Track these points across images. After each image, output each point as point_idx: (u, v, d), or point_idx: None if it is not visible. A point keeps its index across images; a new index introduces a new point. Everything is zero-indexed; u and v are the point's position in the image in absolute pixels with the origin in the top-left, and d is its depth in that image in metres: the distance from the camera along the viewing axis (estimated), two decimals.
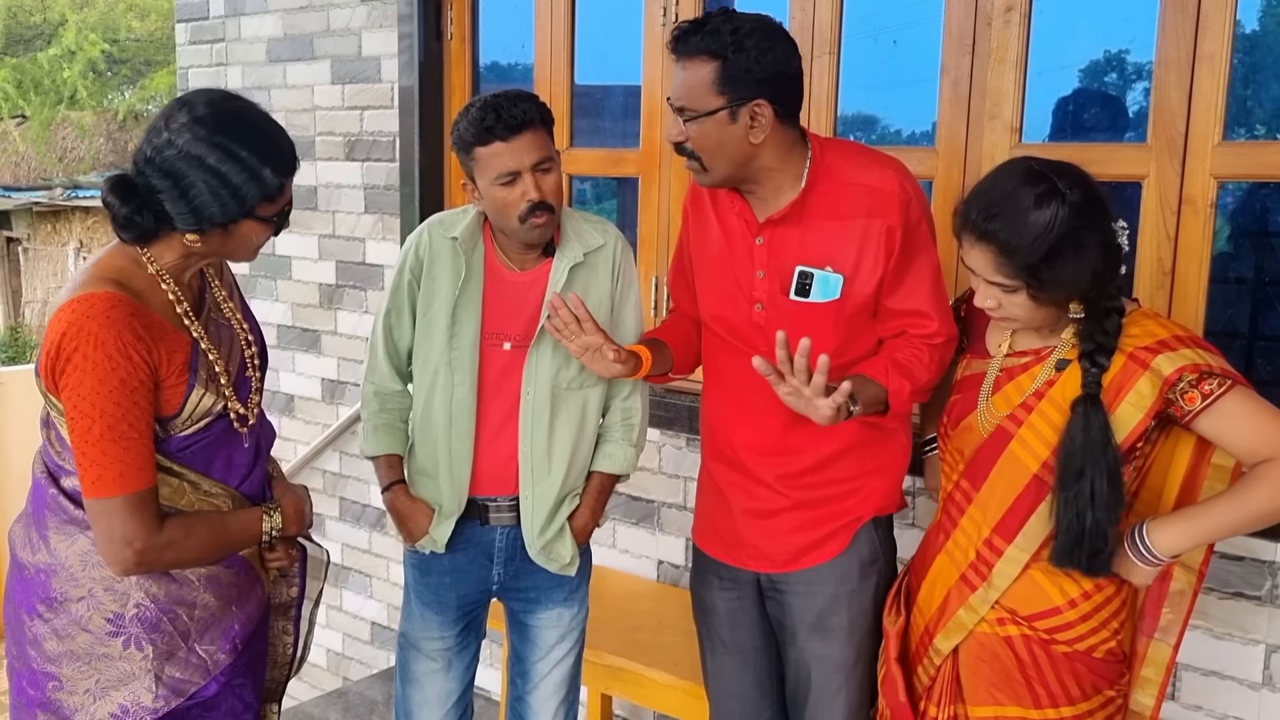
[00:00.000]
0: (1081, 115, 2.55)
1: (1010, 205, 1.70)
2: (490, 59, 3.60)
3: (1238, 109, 2.31)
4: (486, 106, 2.00)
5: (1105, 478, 1.69)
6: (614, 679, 2.73)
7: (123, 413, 1.62)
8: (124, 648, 1.75)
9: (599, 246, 2.18)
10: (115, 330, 1.61)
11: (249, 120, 1.71)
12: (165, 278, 1.74)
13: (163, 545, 1.67)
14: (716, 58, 1.82)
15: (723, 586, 2.16)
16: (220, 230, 1.70)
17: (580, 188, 3.61)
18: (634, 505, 3.19)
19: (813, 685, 2.06)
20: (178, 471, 1.75)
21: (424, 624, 2.29)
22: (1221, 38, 2.23)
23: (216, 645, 1.82)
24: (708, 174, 1.91)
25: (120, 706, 1.75)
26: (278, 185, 1.70)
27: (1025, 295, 1.73)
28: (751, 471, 2.06)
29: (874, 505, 2.04)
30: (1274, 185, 2.40)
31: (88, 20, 14.73)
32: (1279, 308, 2.43)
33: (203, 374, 1.74)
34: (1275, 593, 2.22)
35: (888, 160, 1.95)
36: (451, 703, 2.31)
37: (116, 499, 1.63)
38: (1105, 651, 1.79)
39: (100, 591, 1.74)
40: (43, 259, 13.46)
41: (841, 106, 2.77)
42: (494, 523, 2.22)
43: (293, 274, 4.00)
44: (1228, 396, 1.68)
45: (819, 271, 1.91)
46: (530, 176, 2.01)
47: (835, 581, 2.02)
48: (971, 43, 2.52)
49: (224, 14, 4.07)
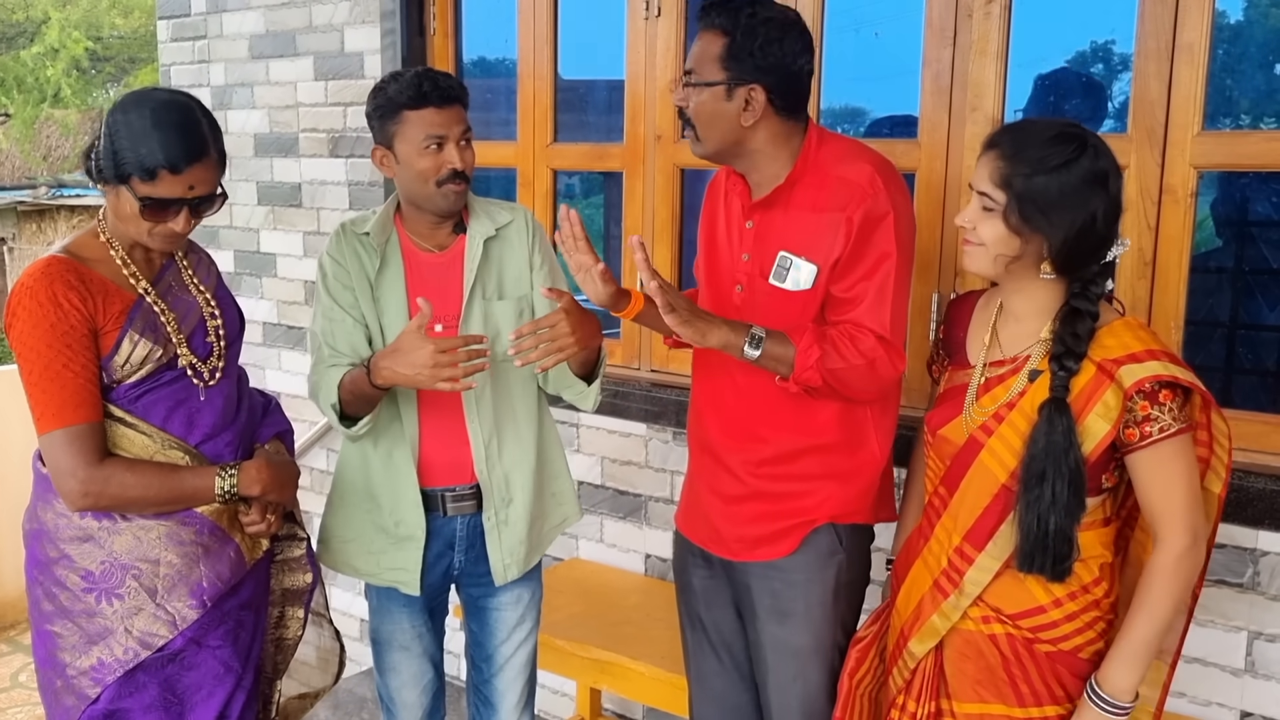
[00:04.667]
0: (1062, 106, 2.56)
1: (1035, 130, 1.73)
2: (473, 54, 3.60)
3: (1218, 99, 2.33)
4: (420, 74, 2.11)
5: (1066, 482, 1.68)
6: (602, 672, 2.74)
7: (55, 353, 1.80)
8: (97, 603, 1.89)
9: (508, 221, 2.25)
10: (48, 283, 1.81)
11: (172, 108, 1.85)
12: (115, 244, 1.92)
13: (104, 477, 1.83)
14: (727, 34, 1.90)
15: (697, 565, 2.20)
16: (111, 189, 1.86)
17: (569, 182, 3.61)
18: (621, 499, 3.20)
19: (769, 670, 2.08)
20: (131, 422, 1.89)
21: (393, 618, 2.33)
22: (1200, 28, 2.23)
23: (184, 602, 1.92)
24: (700, 144, 1.98)
25: (99, 660, 1.90)
26: (154, 166, 1.80)
27: (1001, 218, 1.71)
28: (720, 456, 2.09)
29: (830, 510, 2.03)
30: (1253, 175, 2.42)
31: (70, 18, 14.65)
32: (1259, 297, 2.45)
33: (140, 323, 1.89)
34: (1257, 580, 2.23)
35: (869, 155, 1.97)
36: (427, 680, 2.39)
37: (57, 433, 1.81)
38: (1092, 653, 1.77)
39: (72, 551, 1.90)
40: (28, 258, 13.40)
41: (824, 99, 2.77)
42: (453, 512, 2.24)
43: (278, 271, 3.99)
44: (1167, 443, 1.68)
45: (797, 259, 1.94)
46: (454, 146, 2.10)
47: (792, 570, 2.04)
48: (953, 34, 2.53)
49: (206, 10, 4.05)
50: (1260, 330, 2.52)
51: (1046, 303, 1.77)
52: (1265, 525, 2.19)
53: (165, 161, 1.80)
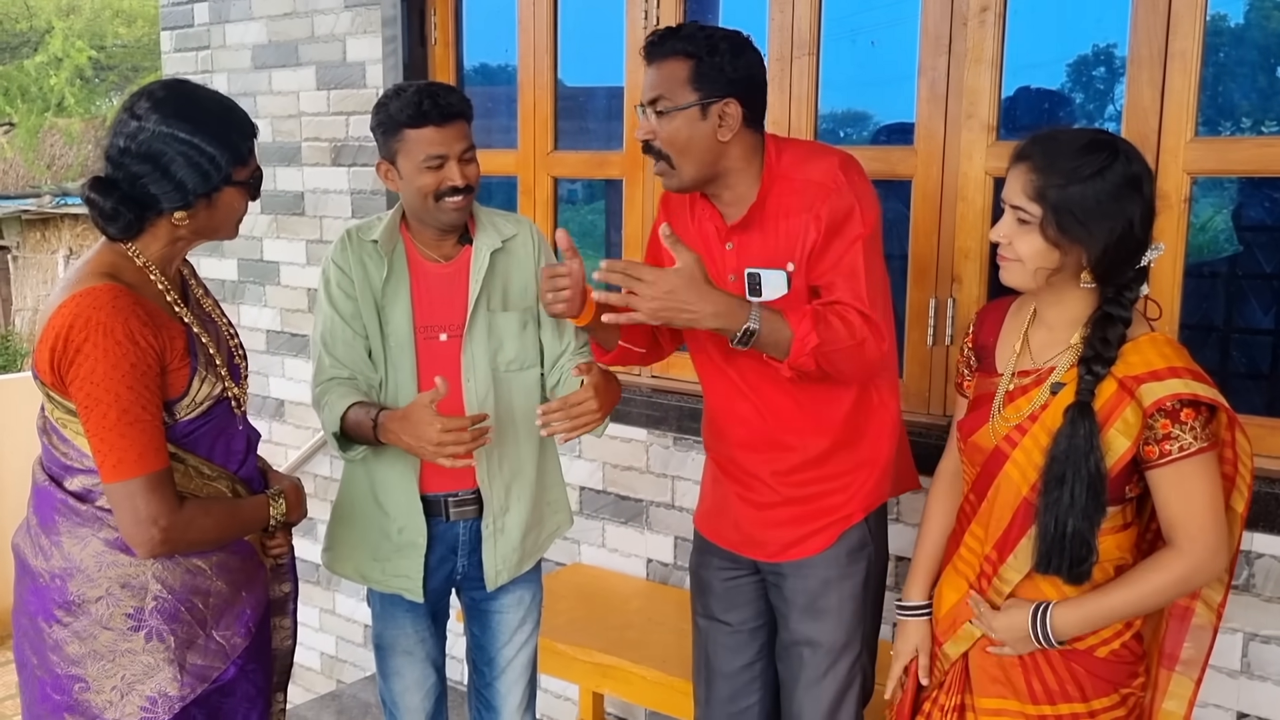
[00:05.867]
0: (1057, 113, 2.58)
1: (1065, 140, 1.71)
2: (474, 62, 3.62)
3: (1210, 105, 2.35)
4: (421, 91, 2.10)
5: (1085, 486, 1.68)
6: (604, 677, 2.76)
7: (135, 396, 1.69)
8: (146, 641, 1.81)
9: (514, 234, 2.28)
10: (122, 318, 1.69)
11: (205, 96, 1.83)
12: (153, 269, 1.81)
13: (185, 523, 1.75)
14: (691, 57, 1.92)
15: (721, 566, 2.22)
16: (205, 201, 1.79)
17: (571, 188, 3.63)
18: (623, 504, 3.22)
19: (804, 666, 2.11)
20: (182, 456, 1.82)
21: (396, 623, 2.34)
22: (1192, 35, 2.26)
23: (232, 630, 1.89)
24: (676, 175, 1.97)
25: (149, 699, 1.81)
26: (246, 148, 1.81)
27: (1038, 232, 1.69)
28: (746, 467, 2.13)
29: (862, 502, 2.08)
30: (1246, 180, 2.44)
31: (74, 27, 14.70)
32: (1254, 301, 2.47)
33: (202, 358, 1.83)
34: (1252, 582, 2.25)
35: (833, 153, 2.01)
36: (430, 684, 2.41)
37: (138, 480, 1.70)
38: (1108, 652, 1.78)
39: (118, 589, 1.80)
40: (32, 267, 13.45)
41: (821, 106, 2.80)
42: (455, 517, 2.27)
43: (281, 279, 4.02)
44: (1187, 461, 1.68)
45: (765, 271, 1.98)
46: (455, 164, 2.11)
47: (825, 566, 2.08)
48: (948, 43, 2.55)
49: (209, 21, 4.09)
50: (1258, 334, 2.55)
51: (1080, 310, 1.76)
52: (1260, 528, 2.21)
53: (249, 134, 1.83)
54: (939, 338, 2.65)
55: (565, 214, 3.62)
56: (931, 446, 2.58)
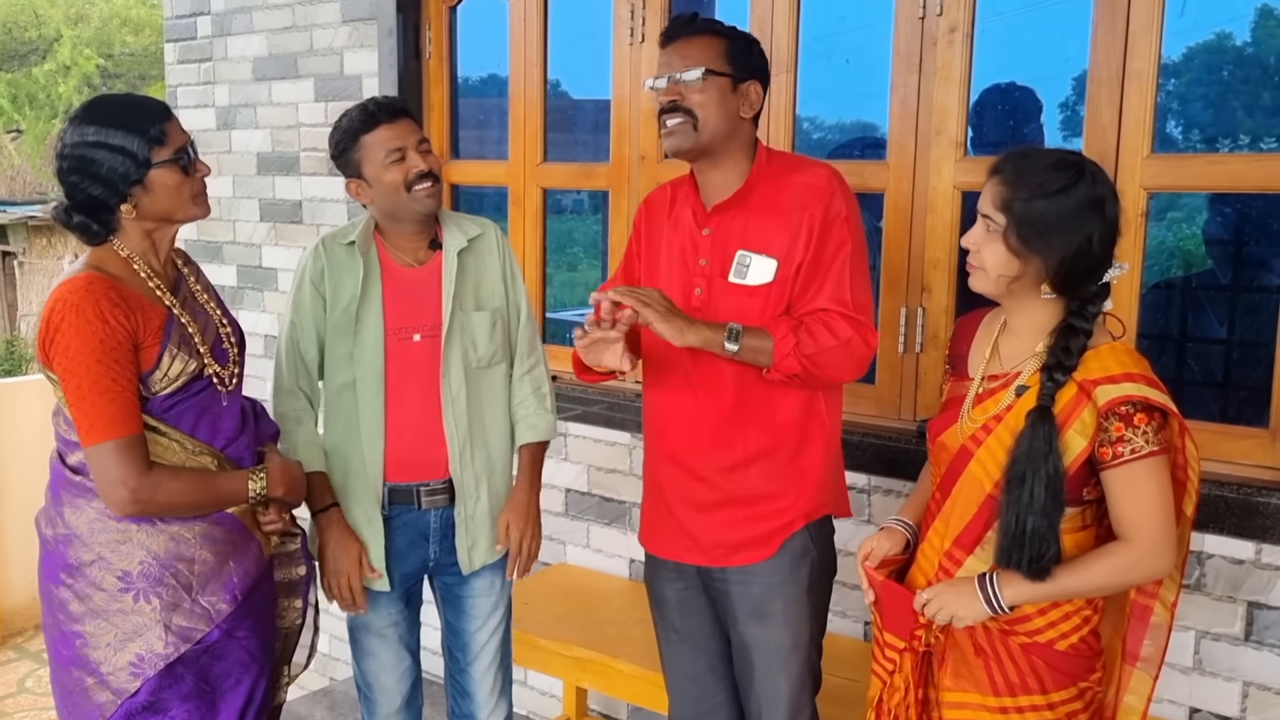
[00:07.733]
0: (1022, 130, 2.67)
1: (1036, 157, 1.82)
2: (467, 75, 3.72)
3: (1175, 122, 2.44)
4: (363, 102, 2.30)
5: (1044, 485, 1.76)
6: (584, 670, 2.84)
7: (104, 369, 1.88)
8: (134, 601, 1.98)
9: (479, 234, 2.42)
10: (93, 299, 1.89)
11: (110, 98, 2.03)
12: (136, 260, 2.01)
13: (153, 485, 1.92)
14: (725, 38, 2.07)
15: (670, 579, 2.27)
16: (139, 188, 1.95)
17: (577, 198, 3.72)
18: (606, 506, 3.30)
19: (755, 667, 2.17)
20: (164, 430, 1.98)
21: (371, 606, 2.40)
22: (1148, 57, 2.35)
23: (218, 596, 2.04)
24: (695, 134, 2.04)
25: (138, 655, 1.98)
26: (158, 129, 1.96)
27: (1001, 240, 1.79)
28: (689, 466, 2.16)
29: (803, 508, 2.12)
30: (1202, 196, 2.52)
31: (82, 35, 14.85)
32: (1210, 312, 2.55)
33: (176, 337, 1.99)
34: (1203, 581, 2.33)
35: (821, 164, 2.14)
36: (405, 666, 2.48)
37: (108, 444, 1.89)
38: (1068, 645, 1.85)
39: (108, 554, 1.97)
40: (38, 273, 13.55)
41: (798, 122, 2.89)
42: (427, 505, 2.36)
43: (279, 285, 4.11)
44: (1139, 463, 1.76)
45: (756, 255, 2.06)
46: (415, 153, 2.27)
47: (768, 573, 2.13)
48: (919, 62, 2.65)
49: (211, 34, 4.19)
50: (1210, 344, 2.64)
51: (1046, 321, 1.85)
52: (1210, 529, 2.30)
53: (156, 118, 1.97)
54: (909, 345, 2.74)
55: (570, 224, 3.71)
56: (901, 450, 2.68)
